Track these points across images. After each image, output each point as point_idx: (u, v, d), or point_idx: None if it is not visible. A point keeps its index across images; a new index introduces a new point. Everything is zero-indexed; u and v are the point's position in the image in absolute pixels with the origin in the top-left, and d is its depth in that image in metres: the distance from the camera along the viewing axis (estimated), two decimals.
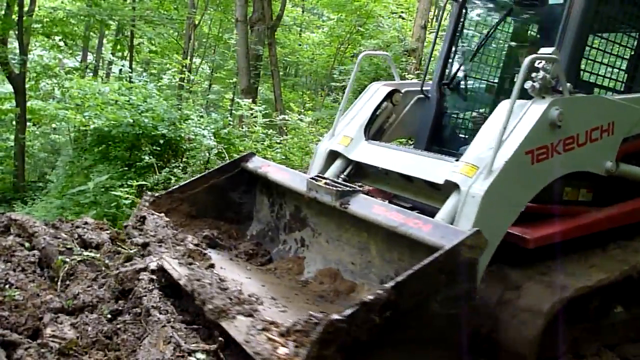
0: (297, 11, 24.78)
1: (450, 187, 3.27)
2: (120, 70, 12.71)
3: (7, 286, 3.01)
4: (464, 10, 4.69)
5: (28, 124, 16.20)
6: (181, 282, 2.97)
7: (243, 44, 14.24)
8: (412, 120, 4.67)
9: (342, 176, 4.12)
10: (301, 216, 4.00)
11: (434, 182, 3.46)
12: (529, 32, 4.88)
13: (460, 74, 4.78)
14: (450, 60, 4.74)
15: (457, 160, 3.44)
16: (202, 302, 2.76)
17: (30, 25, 15.43)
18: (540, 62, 3.29)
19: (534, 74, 3.32)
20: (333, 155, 4.25)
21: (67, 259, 3.37)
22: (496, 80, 4.87)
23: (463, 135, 4.71)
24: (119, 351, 2.66)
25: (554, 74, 3.33)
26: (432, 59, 4.83)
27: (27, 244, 3.57)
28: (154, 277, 3.21)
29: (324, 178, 3.67)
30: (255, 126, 10.15)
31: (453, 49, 4.74)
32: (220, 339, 2.62)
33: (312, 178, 3.64)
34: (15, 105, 15.35)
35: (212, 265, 3.36)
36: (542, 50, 3.36)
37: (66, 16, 16.28)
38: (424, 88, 4.70)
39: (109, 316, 2.91)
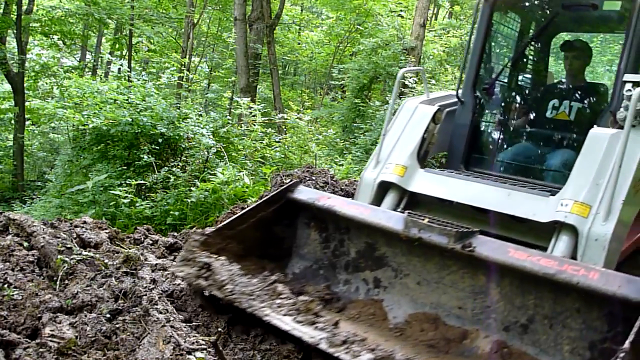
0: (296, 10, 24.78)
1: (556, 226, 3.25)
2: (119, 69, 12.66)
3: (5, 285, 3.00)
4: (495, 13, 4.45)
5: (27, 123, 16.21)
6: (322, 347, 2.70)
7: (242, 43, 14.24)
8: (444, 137, 4.48)
9: (399, 209, 3.87)
10: (376, 255, 3.64)
11: (529, 219, 3.37)
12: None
13: (498, 78, 4.63)
14: (482, 65, 4.53)
15: (552, 195, 3.38)
16: None
17: (29, 24, 15.43)
18: (629, 89, 3.24)
19: (624, 103, 3.27)
20: (385, 186, 4.00)
21: (66, 259, 3.36)
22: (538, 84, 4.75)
23: (501, 141, 4.59)
24: (118, 351, 2.65)
25: None
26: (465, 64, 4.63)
27: (25, 244, 3.56)
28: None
29: (422, 215, 3.32)
30: (254, 125, 10.15)
31: (485, 53, 4.51)
32: (219, 330, 2.62)
33: (410, 215, 3.29)
34: (14, 105, 15.38)
35: (337, 323, 3.00)
36: (630, 76, 3.30)
37: (65, 15, 16.28)
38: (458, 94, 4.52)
39: (108, 316, 2.90)
